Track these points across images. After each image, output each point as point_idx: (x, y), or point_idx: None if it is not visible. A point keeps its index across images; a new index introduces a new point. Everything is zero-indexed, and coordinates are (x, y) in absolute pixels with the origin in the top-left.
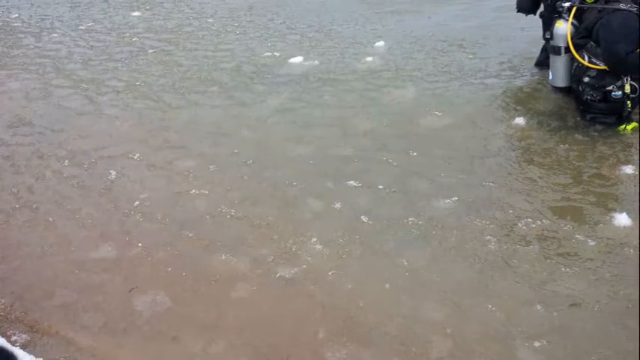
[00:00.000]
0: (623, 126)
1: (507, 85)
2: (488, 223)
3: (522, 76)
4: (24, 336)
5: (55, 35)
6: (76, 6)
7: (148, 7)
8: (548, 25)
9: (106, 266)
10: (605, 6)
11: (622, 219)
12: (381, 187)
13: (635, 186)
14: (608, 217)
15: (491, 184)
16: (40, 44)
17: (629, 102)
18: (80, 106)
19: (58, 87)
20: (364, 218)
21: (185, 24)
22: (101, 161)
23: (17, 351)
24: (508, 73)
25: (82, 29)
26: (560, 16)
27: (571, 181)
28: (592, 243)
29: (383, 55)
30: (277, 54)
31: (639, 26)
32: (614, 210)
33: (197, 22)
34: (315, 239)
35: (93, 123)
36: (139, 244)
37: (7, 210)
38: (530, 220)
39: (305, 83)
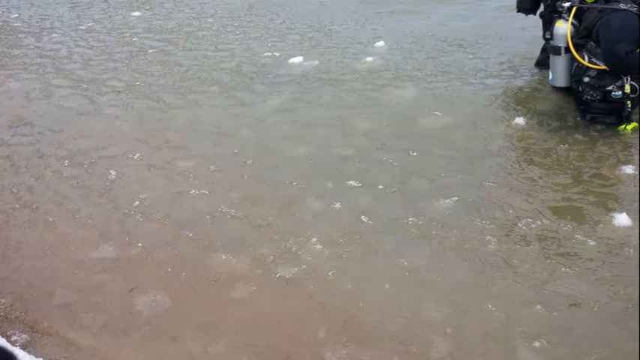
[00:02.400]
0: (623, 126)
1: (507, 85)
2: (488, 223)
3: (522, 76)
4: (24, 336)
5: (55, 35)
6: (76, 6)
7: (148, 7)
8: (548, 25)
9: (106, 266)
10: (605, 6)
11: (622, 219)
12: (381, 187)
13: (635, 186)
14: (608, 217)
15: (491, 184)
16: (40, 44)
17: (629, 102)
18: (80, 106)
19: (58, 87)
20: (364, 218)
21: (185, 24)
22: (101, 161)
23: (17, 351)
24: (508, 73)
25: (82, 29)
26: (560, 16)
27: (571, 181)
28: (592, 243)
29: (383, 55)
30: (277, 54)
31: (639, 26)
32: (614, 210)
33: (197, 22)
34: (315, 239)
35: (93, 123)
36: (139, 244)
37: (7, 210)
38: (530, 220)
39: (305, 83)
